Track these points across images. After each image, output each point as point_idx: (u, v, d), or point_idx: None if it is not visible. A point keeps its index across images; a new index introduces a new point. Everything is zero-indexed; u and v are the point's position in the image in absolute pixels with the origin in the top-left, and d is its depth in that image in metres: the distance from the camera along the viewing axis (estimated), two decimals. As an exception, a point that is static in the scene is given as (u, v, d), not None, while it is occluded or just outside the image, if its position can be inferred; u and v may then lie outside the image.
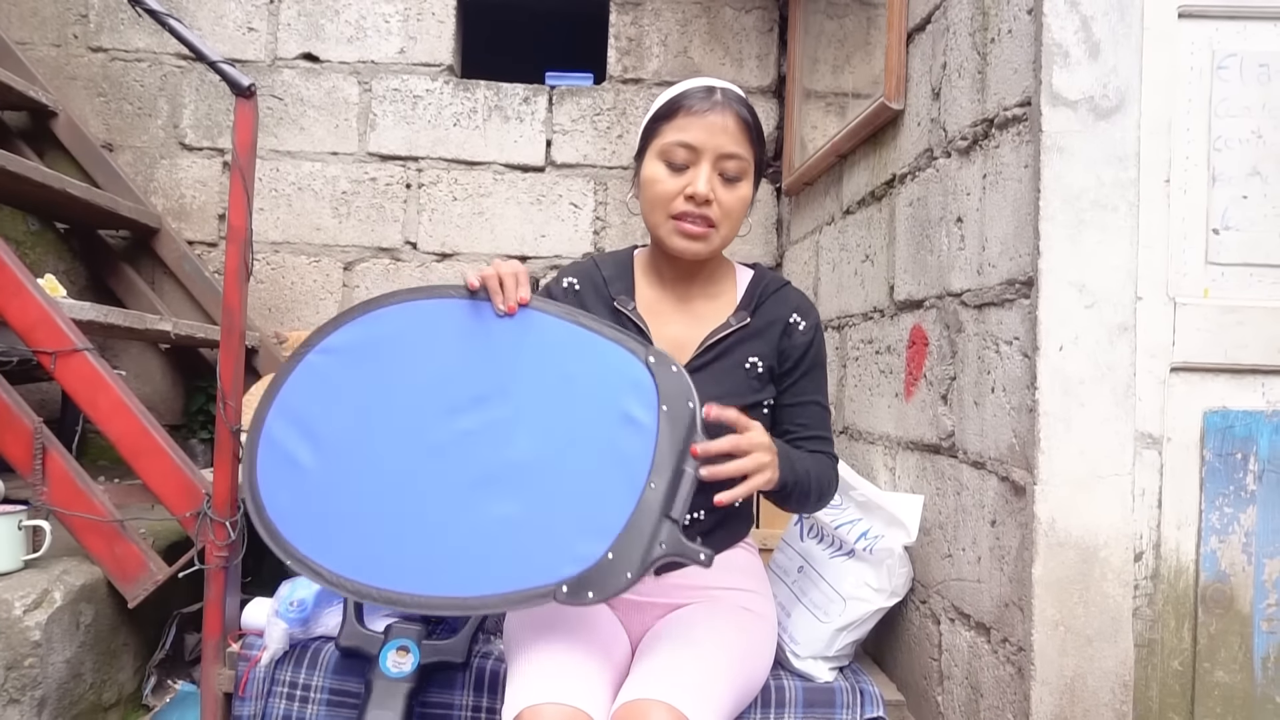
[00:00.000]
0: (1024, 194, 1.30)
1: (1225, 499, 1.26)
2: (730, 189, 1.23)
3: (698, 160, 1.21)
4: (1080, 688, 1.23)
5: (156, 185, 2.80)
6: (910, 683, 1.66)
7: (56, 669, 1.50)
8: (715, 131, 1.20)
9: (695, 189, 1.20)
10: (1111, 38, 1.25)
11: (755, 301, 1.33)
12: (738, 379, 1.29)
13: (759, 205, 2.91)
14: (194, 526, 1.60)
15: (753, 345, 1.31)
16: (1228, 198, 1.28)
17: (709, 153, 1.20)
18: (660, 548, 1.05)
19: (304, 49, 2.84)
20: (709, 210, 1.22)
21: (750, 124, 1.23)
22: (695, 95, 1.22)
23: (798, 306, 1.34)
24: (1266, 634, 1.26)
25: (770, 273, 1.39)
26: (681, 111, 1.22)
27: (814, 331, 1.33)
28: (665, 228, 1.24)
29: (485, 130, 2.86)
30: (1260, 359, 1.26)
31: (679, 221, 1.22)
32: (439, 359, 1.16)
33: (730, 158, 1.21)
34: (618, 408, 1.11)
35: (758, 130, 1.25)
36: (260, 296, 2.80)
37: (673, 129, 1.22)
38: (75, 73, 2.78)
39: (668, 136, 1.22)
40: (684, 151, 1.21)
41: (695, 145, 1.20)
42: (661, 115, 1.25)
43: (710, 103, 1.21)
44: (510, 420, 1.13)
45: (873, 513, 1.64)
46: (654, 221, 1.26)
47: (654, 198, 1.24)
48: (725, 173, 1.22)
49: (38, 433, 1.57)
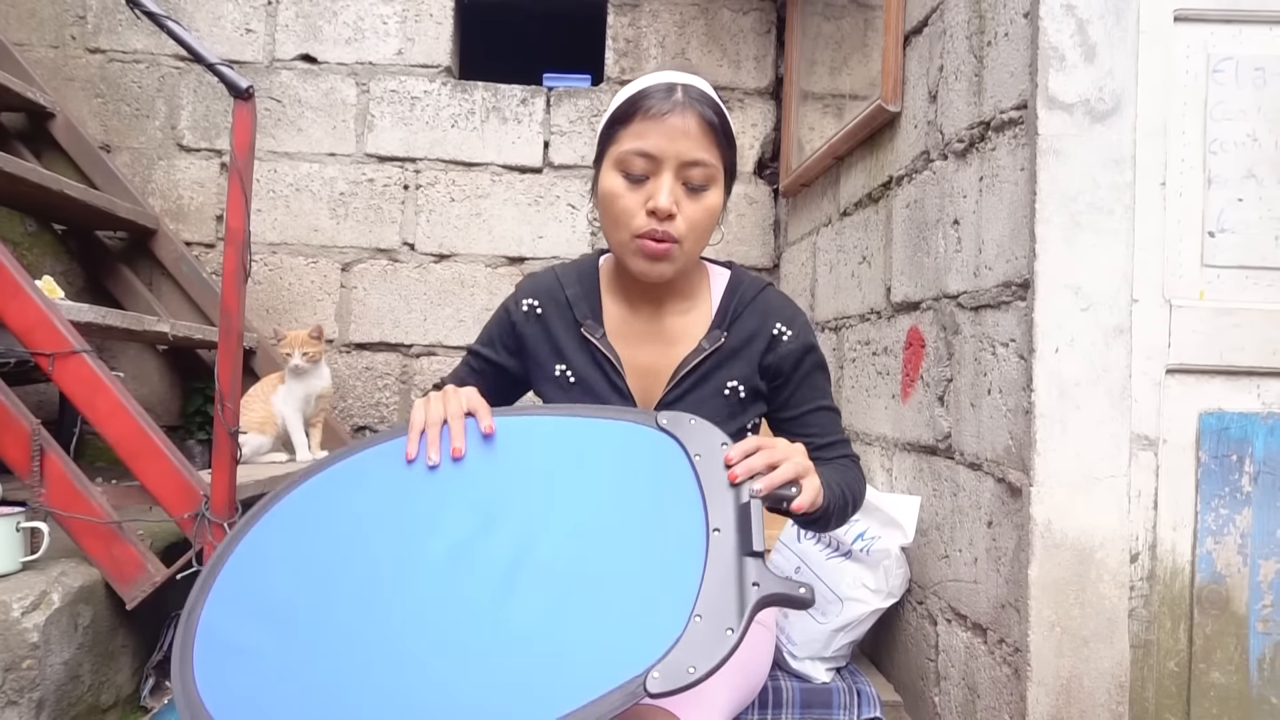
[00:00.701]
0: (1020, 196, 1.31)
1: (1221, 500, 1.27)
2: (696, 199, 1.09)
3: (658, 170, 1.07)
4: (1076, 688, 1.23)
5: (154, 186, 2.80)
6: (907, 683, 1.67)
7: (55, 670, 1.50)
8: (676, 136, 1.06)
9: (656, 203, 1.06)
10: (1107, 41, 1.25)
11: (731, 315, 1.20)
12: (716, 406, 1.18)
13: (756, 206, 2.92)
14: (192, 528, 1.61)
15: (731, 367, 1.18)
16: (1223, 200, 1.29)
17: (670, 161, 1.06)
18: (755, 589, 0.88)
19: (302, 50, 2.84)
20: (672, 226, 1.08)
21: (716, 125, 1.09)
22: (653, 96, 1.08)
23: (780, 314, 1.20)
24: (1262, 635, 1.26)
25: (747, 276, 1.25)
26: (638, 115, 1.07)
27: (805, 335, 1.20)
28: (628, 247, 1.11)
29: (483, 131, 2.87)
30: (1255, 361, 1.27)
31: (641, 240, 1.09)
32: (419, 496, 0.96)
33: (694, 165, 1.07)
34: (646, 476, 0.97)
35: (725, 131, 1.11)
36: (258, 298, 2.80)
37: (629, 135, 1.08)
38: (73, 74, 2.78)
39: (624, 144, 1.08)
40: (642, 161, 1.07)
41: (654, 154, 1.06)
42: (617, 119, 1.11)
43: (670, 103, 1.07)
44: (521, 535, 0.93)
45: (870, 514, 1.64)
46: (615, 240, 1.13)
47: (613, 214, 1.11)
48: (690, 181, 1.08)
49: (35, 434, 1.57)
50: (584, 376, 1.18)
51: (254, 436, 2.18)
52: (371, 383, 2.85)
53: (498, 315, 1.23)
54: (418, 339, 2.85)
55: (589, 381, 1.18)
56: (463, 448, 0.96)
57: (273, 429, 2.24)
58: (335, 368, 2.79)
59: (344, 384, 2.83)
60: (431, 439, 0.97)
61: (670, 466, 0.97)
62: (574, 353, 1.19)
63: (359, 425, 2.83)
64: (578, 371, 1.18)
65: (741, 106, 2.94)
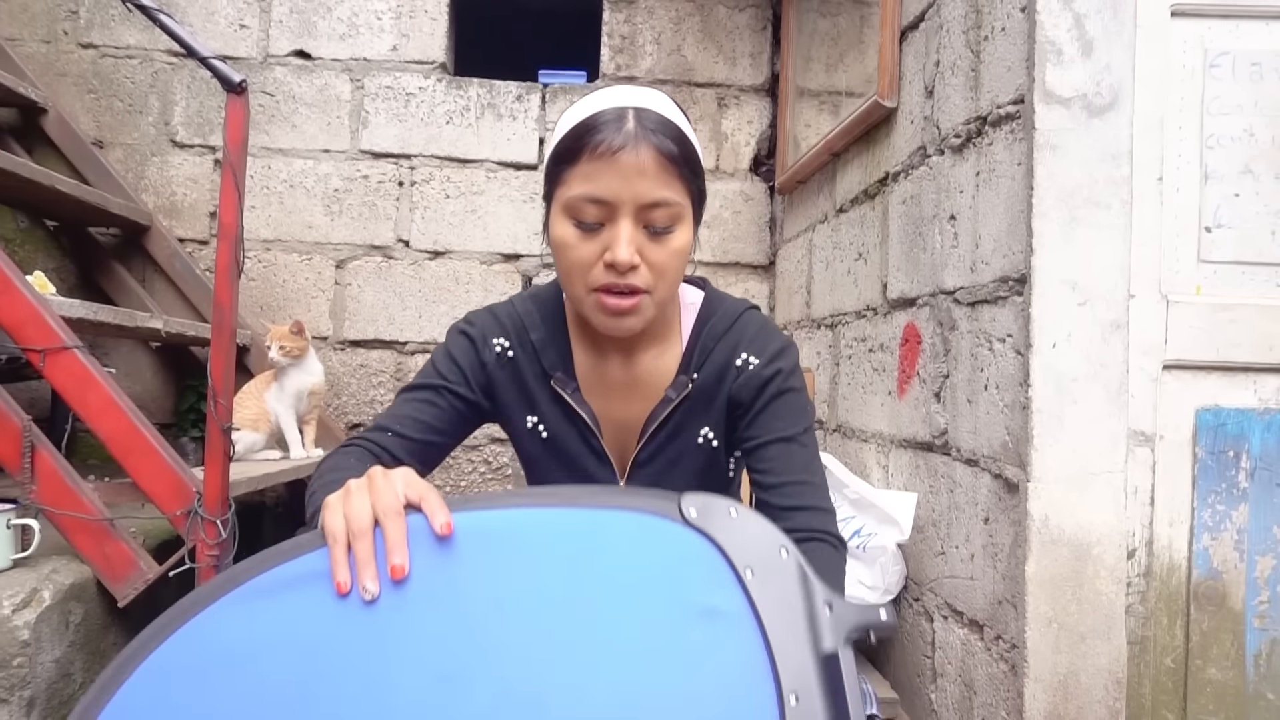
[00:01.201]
0: (1017, 191, 1.30)
1: (1217, 496, 1.26)
2: (661, 243, 0.94)
3: (614, 215, 0.92)
4: (1073, 685, 1.23)
5: (147, 182, 2.78)
6: (904, 680, 1.66)
7: (45, 669, 1.48)
8: (631, 177, 0.90)
9: (615, 256, 0.91)
10: (1104, 35, 1.25)
11: (700, 355, 1.05)
12: (693, 459, 1.06)
13: (752, 204, 2.92)
14: (185, 525, 1.59)
15: (703, 414, 1.05)
16: (1220, 195, 1.28)
17: (627, 205, 0.91)
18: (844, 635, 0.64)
19: (296, 46, 2.82)
20: (636, 277, 0.93)
21: (677, 155, 0.93)
22: (601, 128, 0.92)
23: (751, 343, 1.04)
24: (1258, 631, 1.26)
25: (721, 303, 1.08)
26: (585, 152, 0.91)
27: (776, 361, 1.03)
28: (586, 302, 0.96)
29: (478, 128, 2.86)
30: (1252, 357, 1.26)
31: (602, 295, 0.94)
32: (348, 647, 0.66)
33: (655, 206, 0.92)
34: (673, 600, 0.67)
35: (689, 159, 0.95)
36: (252, 294, 2.79)
37: (577, 177, 0.92)
38: (65, 69, 2.76)
39: (572, 187, 0.92)
40: (595, 208, 0.91)
41: (607, 199, 0.91)
42: (562, 156, 0.94)
43: (621, 136, 0.91)
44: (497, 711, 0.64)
45: (866, 510, 1.64)
46: (572, 294, 0.99)
47: (566, 266, 0.96)
48: (652, 224, 0.93)
49: (27, 431, 1.56)
50: (557, 433, 1.07)
51: (247, 434, 2.17)
52: (366, 380, 2.84)
53: (461, 347, 1.06)
54: (412, 336, 2.84)
55: (563, 439, 1.07)
56: (405, 565, 0.66)
57: (266, 426, 2.23)
58: (329, 365, 2.77)
59: (338, 381, 2.81)
60: (362, 558, 0.66)
61: (707, 583, 0.67)
62: (546, 404, 1.07)
63: (354, 423, 2.82)
64: (551, 427, 1.07)
65: (737, 103, 2.93)
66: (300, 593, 0.67)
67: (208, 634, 0.68)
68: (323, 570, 0.67)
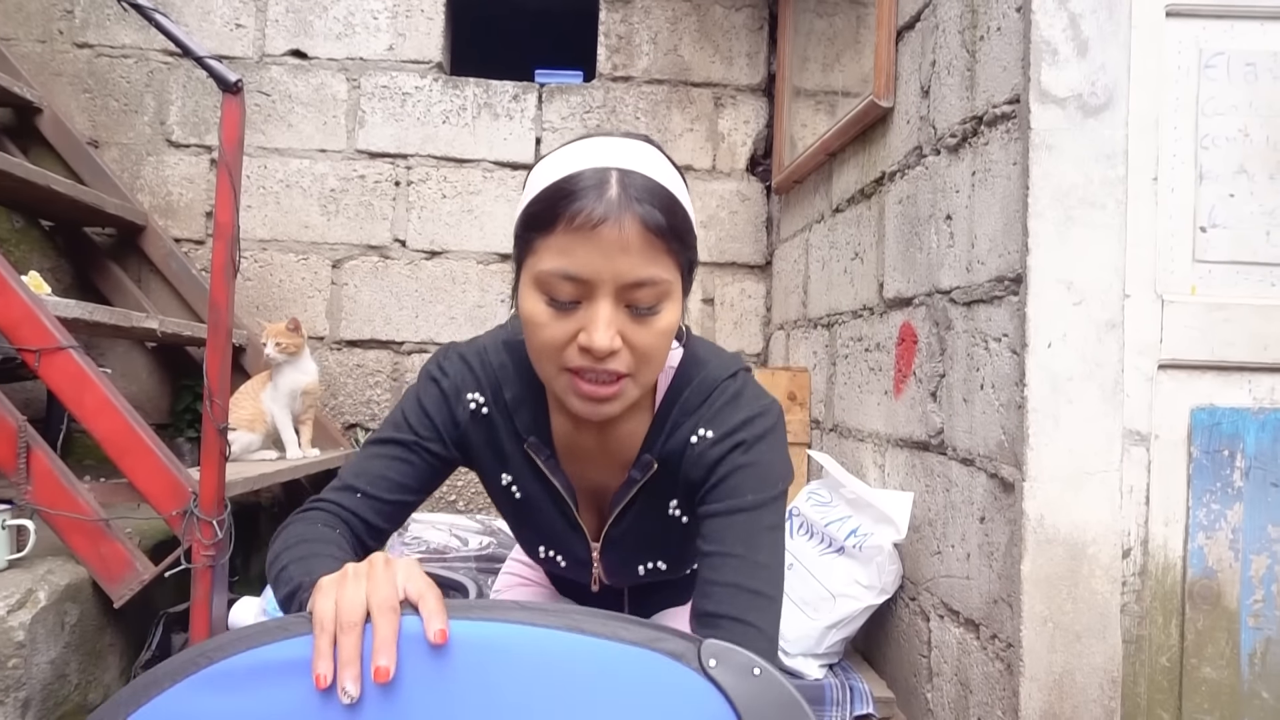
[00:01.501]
0: (1013, 191, 1.31)
1: (1212, 496, 1.27)
2: (645, 324, 0.82)
3: (592, 294, 0.81)
4: (1069, 684, 1.23)
5: (143, 182, 2.78)
6: (900, 679, 1.67)
7: (41, 670, 1.48)
8: (612, 254, 0.79)
9: (592, 342, 0.80)
10: (1100, 35, 1.25)
11: (668, 430, 0.95)
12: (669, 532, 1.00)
13: (749, 204, 2.92)
14: (180, 525, 1.59)
15: (669, 491, 0.98)
16: (1215, 196, 1.29)
17: (607, 284, 0.80)
18: None
19: (292, 45, 2.82)
20: (616, 362, 0.83)
21: (666, 227, 0.81)
22: (579, 195, 0.80)
23: (711, 417, 0.93)
24: (1253, 630, 1.26)
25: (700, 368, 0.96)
26: (561, 223, 0.80)
27: (733, 434, 0.91)
28: (558, 383, 0.86)
29: (474, 128, 2.86)
30: (1247, 356, 1.27)
31: (576, 378, 0.84)
32: None
33: (640, 286, 0.80)
34: None
35: (679, 230, 0.83)
36: (248, 295, 2.78)
37: (550, 251, 0.80)
38: (60, 69, 2.76)
39: (545, 261, 0.81)
40: (570, 285, 0.80)
41: (585, 278, 0.80)
42: (534, 222, 0.83)
43: (603, 206, 0.79)
44: None
45: (862, 510, 1.64)
46: (542, 373, 0.89)
47: (536, 346, 0.86)
48: (636, 304, 0.81)
49: (22, 431, 1.56)
50: (531, 496, 1.02)
51: (243, 434, 2.17)
52: (362, 380, 2.83)
53: (434, 398, 0.97)
54: (409, 336, 2.84)
55: (537, 503, 1.02)
56: (391, 668, 0.61)
57: (262, 426, 2.23)
58: (326, 365, 2.77)
59: (335, 381, 2.81)
60: (346, 655, 0.62)
61: None
62: (519, 466, 1.00)
63: (350, 423, 2.82)
64: (524, 490, 1.02)
65: (734, 103, 2.93)
66: (274, 683, 0.62)
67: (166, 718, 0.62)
68: (303, 659, 0.61)
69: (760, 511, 0.88)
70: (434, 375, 0.98)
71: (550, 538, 1.08)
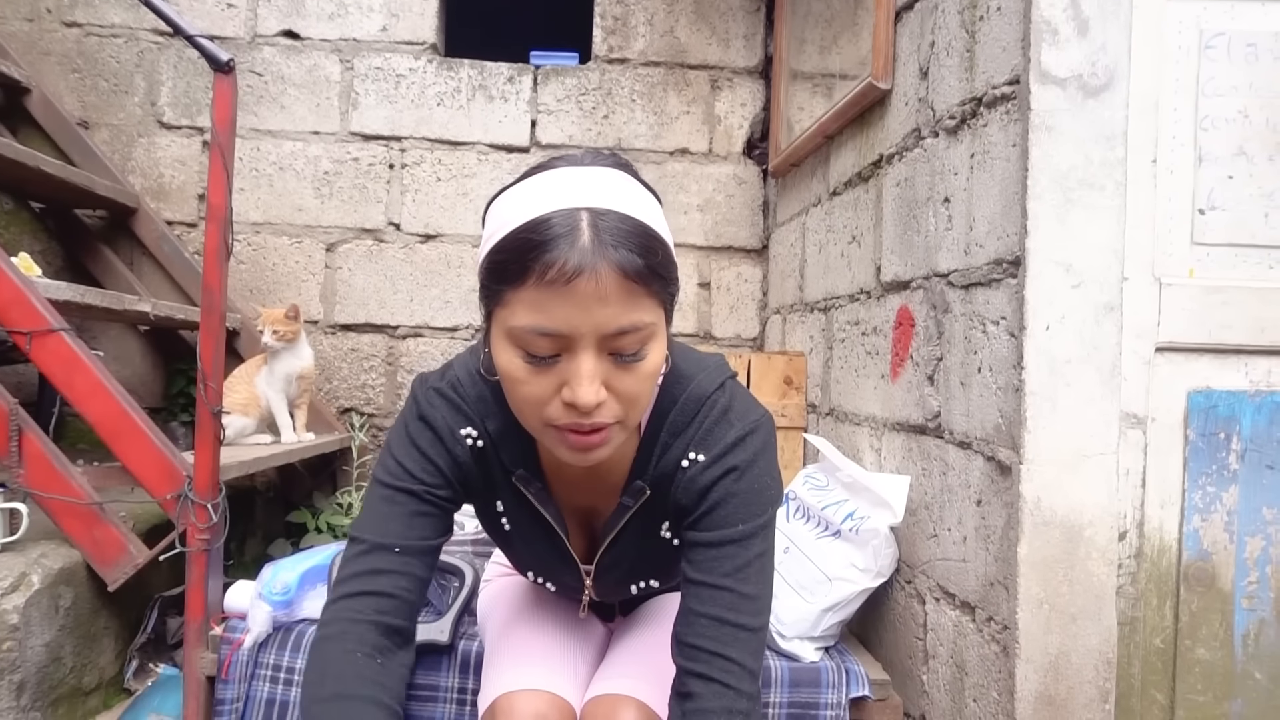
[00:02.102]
0: (1012, 173, 1.30)
1: (1208, 478, 1.27)
2: (630, 370, 0.80)
3: (572, 347, 0.77)
4: (1064, 665, 1.23)
5: (134, 164, 2.75)
6: (896, 662, 1.67)
7: (35, 653, 1.48)
8: (590, 306, 0.74)
9: (577, 399, 0.77)
10: (1100, 15, 1.24)
11: (658, 453, 0.93)
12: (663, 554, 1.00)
13: (745, 187, 2.90)
14: (175, 509, 1.59)
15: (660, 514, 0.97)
16: (1214, 178, 1.28)
17: (588, 337, 0.76)
18: None
19: (284, 26, 2.79)
20: (603, 414, 0.80)
21: (644, 270, 0.76)
22: (550, 245, 0.74)
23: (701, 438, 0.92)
24: (1247, 611, 1.27)
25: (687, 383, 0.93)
26: (532, 278, 0.74)
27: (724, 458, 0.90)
28: (545, 436, 0.84)
29: (469, 110, 2.83)
30: (1244, 339, 1.27)
31: (561, 432, 0.81)
32: None
33: (622, 334, 0.77)
34: None
35: (658, 268, 0.78)
36: (241, 278, 2.76)
37: (523, 305, 0.76)
38: (49, 48, 2.72)
39: (518, 316, 0.76)
40: (548, 341, 0.76)
41: (563, 333, 0.76)
42: (501, 271, 0.78)
43: (576, 255, 0.73)
44: None
45: (859, 493, 1.64)
46: (528, 426, 0.86)
47: (518, 401, 0.83)
48: (620, 352, 0.78)
49: (13, 414, 1.55)
50: (521, 526, 1.02)
51: (238, 418, 2.16)
52: (357, 364, 2.82)
53: (429, 441, 0.94)
54: (404, 320, 2.83)
55: (528, 533, 1.02)
56: None
57: (256, 411, 2.22)
58: (320, 349, 2.76)
59: (329, 366, 2.80)
60: None
61: None
62: (509, 496, 1.00)
63: (345, 407, 2.81)
64: (514, 520, 1.02)
65: (730, 86, 2.91)
66: None
67: None
68: None
69: (750, 541, 0.88)
70: (424, 414, 0.94)
71: (541, 567, 1.09)
